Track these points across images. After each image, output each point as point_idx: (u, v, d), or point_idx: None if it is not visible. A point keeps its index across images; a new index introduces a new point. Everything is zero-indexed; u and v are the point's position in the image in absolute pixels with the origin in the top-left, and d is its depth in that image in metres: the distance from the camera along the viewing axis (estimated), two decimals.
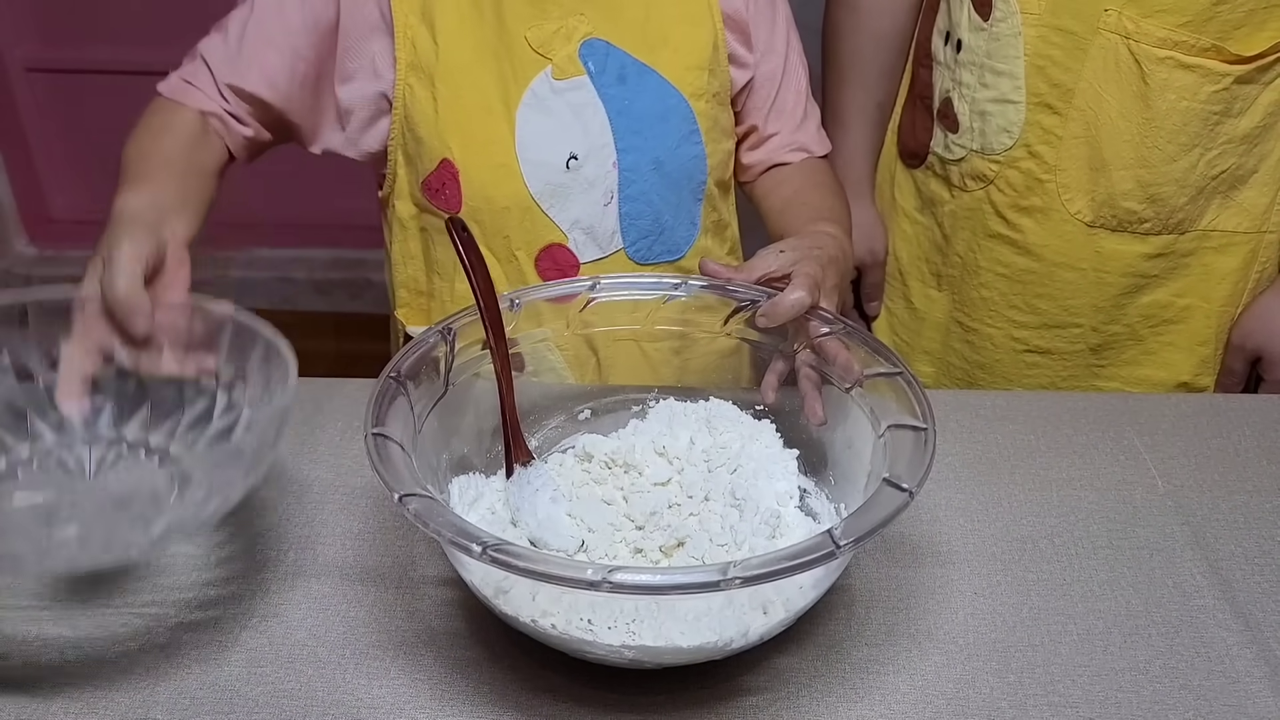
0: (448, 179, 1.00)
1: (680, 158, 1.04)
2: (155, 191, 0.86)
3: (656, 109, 1.02)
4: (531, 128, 0.99)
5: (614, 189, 1.02)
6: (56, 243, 2.63)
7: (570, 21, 0.98)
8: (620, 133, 1.01)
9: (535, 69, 0.98)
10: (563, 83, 0.99)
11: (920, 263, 1.25)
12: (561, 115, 0.99)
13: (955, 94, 1.15)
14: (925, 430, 0.71)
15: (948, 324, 1.25)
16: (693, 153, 1.05)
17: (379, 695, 0.71)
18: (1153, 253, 1.12)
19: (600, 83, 0.99)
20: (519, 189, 1.00)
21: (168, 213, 0.83)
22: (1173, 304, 1.15)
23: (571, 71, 0.99)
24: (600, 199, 1.03)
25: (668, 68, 1.02)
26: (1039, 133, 1.10)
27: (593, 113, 1.00)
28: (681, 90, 1.02)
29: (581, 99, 0.99)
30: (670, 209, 1.06)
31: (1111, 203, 1.09)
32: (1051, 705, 0.71)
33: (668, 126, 1.03)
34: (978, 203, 1.16)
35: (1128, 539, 0.85)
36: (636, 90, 1.01)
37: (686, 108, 1.03)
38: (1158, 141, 1.06)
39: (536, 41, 0.97)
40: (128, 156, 0.90)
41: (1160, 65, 1.03)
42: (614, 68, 1.00)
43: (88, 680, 0.71)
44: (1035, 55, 1.07)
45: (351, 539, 0.84)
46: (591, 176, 1.01)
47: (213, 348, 0.78)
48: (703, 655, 0.69)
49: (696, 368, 0.90)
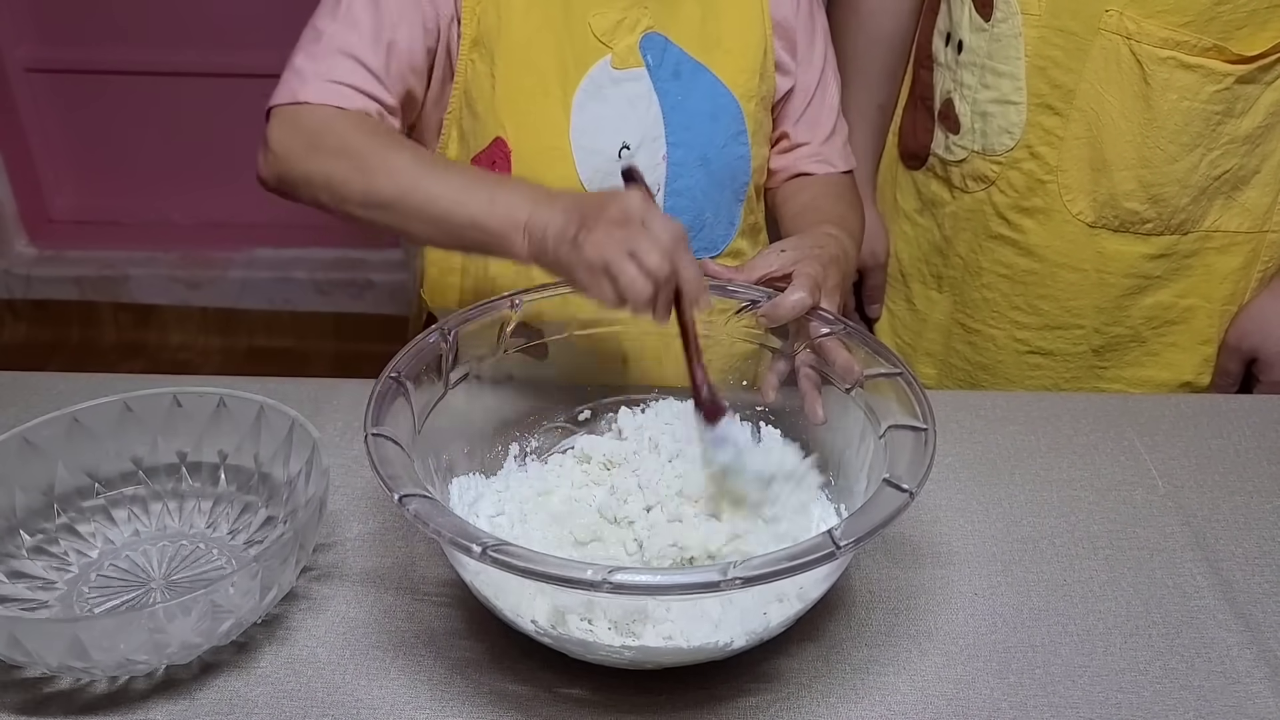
0: (499, 157, 1.00)
1: (727, 157, 1.05)
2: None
3: (708, 107, 1.02)
4: (587, 114, 0.99)
5: (661, 182, 1.02)
6: (56, 243, 2.63)
7: (634, 13, 0.98)
8: (672, 127, 1.01)
9: (595, 56, 0.98)
10: (621, 72, 0.99)
11: (921, 264, 1.25)
12: (617, 104, 0.99)
13: (956, 95, 1.14)
14: (925, 431, 0.71)
15: (949, 325, 1.25)
16: (739, 153, 1.05)
17: (379, 695, 0.71)
18: (1155, 253, 1.11)
19: (657, 76, 1.00)
20: (569, 173, 1.00)
21: None
22: (1175, 304, 1.14)
23: (631, 62, 0.99)
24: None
25: (721, 68, 1.02)
26: (1040, 133, 1.10)
27: (647, 105, 1.00)
28: (733, 91, 1.03)
29: (637, 90, 0.99)
30: (712, 206, 1.06)
31: (1113, 203, 1.09)
32: (1051, 706, 0.71)
33: (718, 125, 1.03)
34: (979, 204, 1.16)
35: (1128, 539, 0.85)
36: (690, 87, 1.01)
37: (737, 108, 1.03)
38: (1159, 142, 1.06)
39: (600, 29, 0.97)
40: (426, 165, 0.85)
41: (1162, 65, 1.02)
42: (671, 63, 1.00)
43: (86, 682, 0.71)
44: (1036, 56, 1.07)
45: (351, 539, 0.84)
46: (642, 167, 1.01)
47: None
48: (703, 656, 0.69)
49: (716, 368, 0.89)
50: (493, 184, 0.81)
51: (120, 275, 2.59)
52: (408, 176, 0.83)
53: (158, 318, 2.64)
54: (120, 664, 0.68)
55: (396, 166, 0.84)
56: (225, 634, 0.71)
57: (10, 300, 2.63)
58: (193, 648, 0.70)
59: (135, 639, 0.66)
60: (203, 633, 0.69)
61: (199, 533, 0.83)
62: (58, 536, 0.80)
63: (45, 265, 2.61)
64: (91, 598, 0.77)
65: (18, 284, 2.62)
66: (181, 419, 0.84)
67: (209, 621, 0.68)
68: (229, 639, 0.73)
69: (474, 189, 0.81)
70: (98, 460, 0.83)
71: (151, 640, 0.67)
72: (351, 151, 0.86)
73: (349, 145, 0.86)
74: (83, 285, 2.61)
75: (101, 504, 0.83)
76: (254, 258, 2.58)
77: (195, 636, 0.68)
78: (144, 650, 0.67)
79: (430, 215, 0.82)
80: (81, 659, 0.66)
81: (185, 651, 0.70)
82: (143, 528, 0.83)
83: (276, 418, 0.81)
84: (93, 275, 2.60)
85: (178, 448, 0.85)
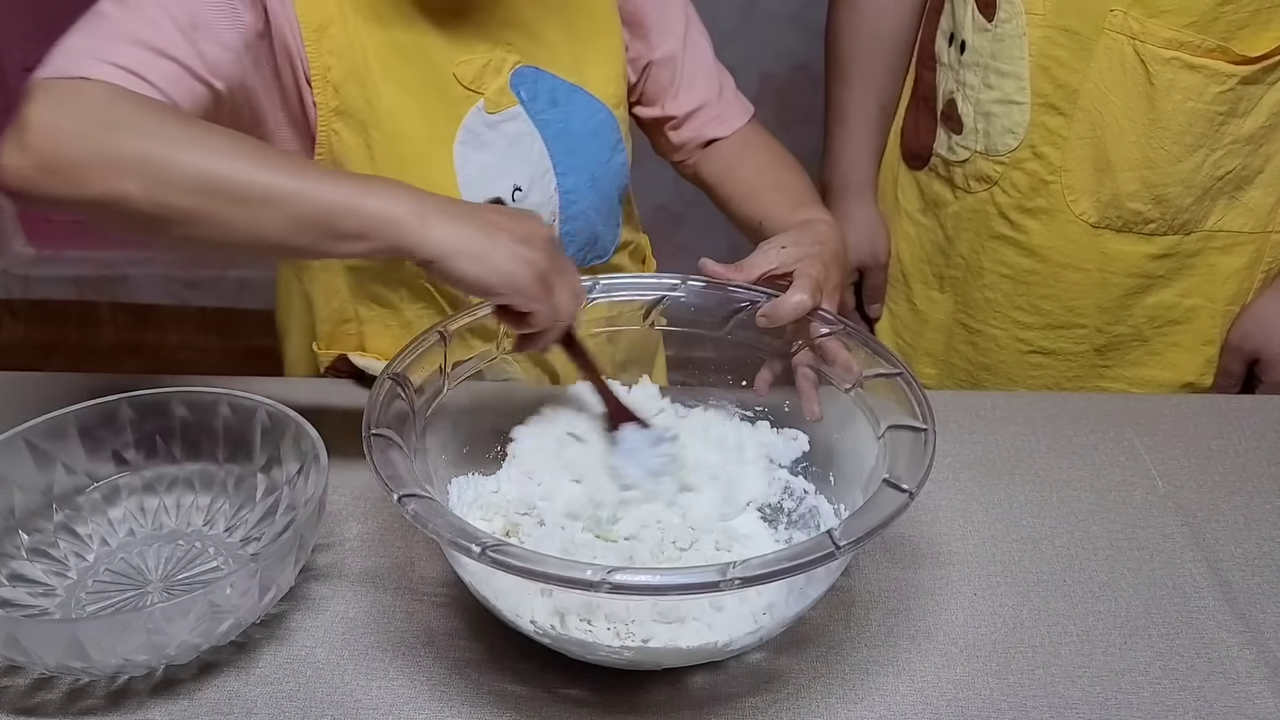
0: None
1: (611, 168, 1.03)
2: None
3: (588, 126, 1.01)
4: (472, 165, 0.96)
5: (556, 211, 1.01)
6: (54, 243, 2.63)
7: (498, 53, 0.95)
8: (558, 156, 0.99)
9: (467, 105, 0.95)
10: (496, 115, 0.96)
11: (923, 264, 1.25)
12: (499, 148, 0.97)
13: (959, 95, 1.14)
14: (925, 431, 0.70)
15: (951, 326, 1.24)
16: (620, 160, 1.04)
17: (378, 696, 0.71)
18: (1158, 253, 1.11)
19: (533, 109, 0.97)
20: None
21: None
22: (1178, 304, 1.14)
23: (505, 103, 0.96)
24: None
25: (593, 83, 1.00)
26: (1044, 134, 1.09)
27: (530, 141, 0.98)
28: (606, 102, 1.01)
29: (517, 129, 0.97)
30: (602, 218, 1.05)
31: (1117, 203, 1.09)
32: (1051, 706, 0.71)
33: (599, 141, 1.02)
34: (981, 204, 1.16)
35: (1128, 540, 0.85)
36: (568, 111, 0.99)
37: (611, 118, 1.02)
38: (1163, 142, 1.05)
39: (467, 78, 0.94)
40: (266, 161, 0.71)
41: (1166, 66, 1.02)
42: (545, 92, 0.98)
43: (85, 682, 0.71)
44: (1040, 56, 1.07)
45: (350, 539, 0.83)
46: (536, 203, 0.99)
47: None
48: (702, 656, 0.69)
49: (630, 353, 0.90)
50: (352, 175, 0.77)
51: (119, 275, 2.59)
52: (251, 157, 0.70)
53: (156, 318, 2.64)
54: (119, 664, 0.68)
55: (230, 148, 0.71)
56: (224, 634, 0.71)
57: (9, 300, 2.63)
58: (192, 648, 0.70)
59: (134, 639, 0.66)
60: (202, 633, 0.68)
61: (197, 533, 0.83)
62: (57, 538, 0.80)
63: (44, 265, 2.61)
64: (89, 603, 0.77)
65: (16, 284, 2.62)
66: (181, 419, 0.84)
67: (208, 622, 0.68)
68: (228, 639, 0.72)
69: (337, 174, 0.74)
70: (96, 460, 0.83)
71: (150, 641, 0.67)
72: (169, 128, 0.71)
73: (163, 123, 0.71)
74: (81, 285, 2.61)
75: (100, 504, 0.83)
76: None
77: (194, 637, 0.68)
78: (143, 651, 0.67)
79: (278, 198, 0.68)
80: (80, 659, 0.66)
81: (184, 652, 0.70)
82: (139, 528, 0.83)
83: (276, 418, 0.81)
84: (91, 275, 2.60)
85: (176, 448, 0.85)
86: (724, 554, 0.78)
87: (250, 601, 0.70)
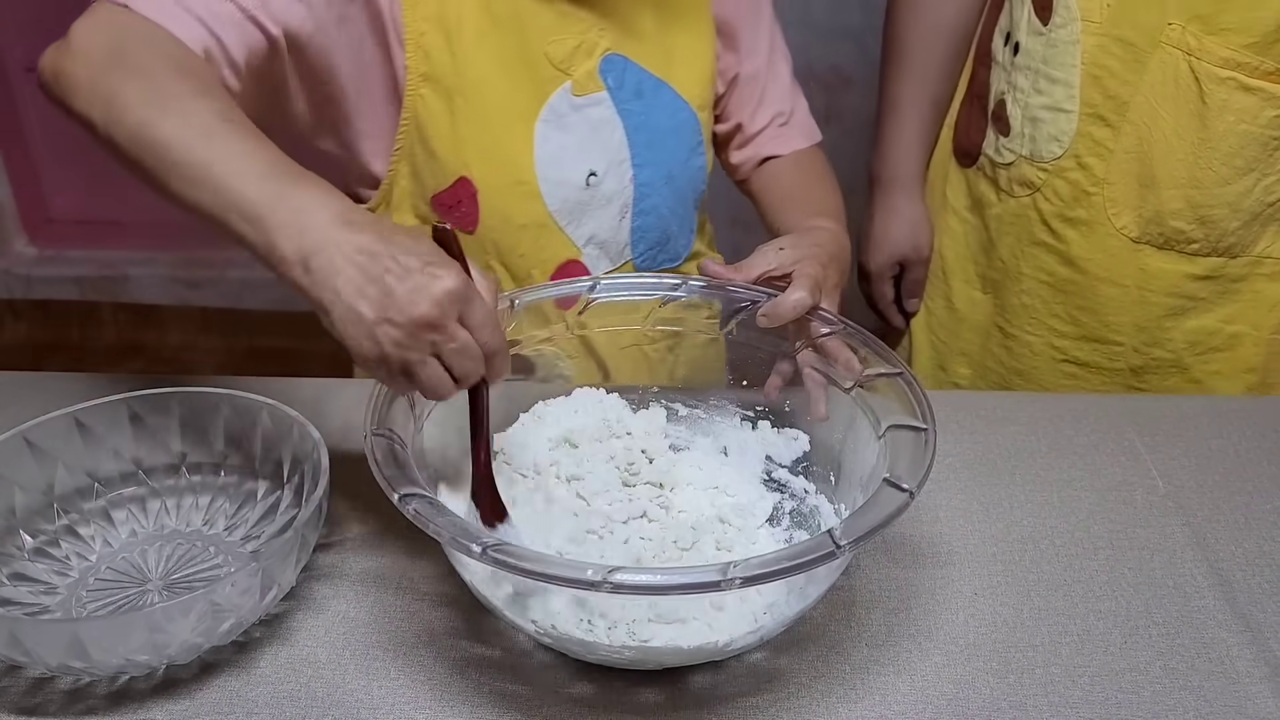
0: (464, 197, 0.97)
1: (689, 170, 1.04)
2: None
3: (670, 123, 1.02)
4: (551, 145, 0.97)
5: (629, 204, 1.01)
6: (56, 243, 2.63)
7: (591, 36, 0.96)
8: (637, 148, 1.00)
9: (554, 85, 0.96)
10: (582, 99, 0.97)
11: (966, 263, 1.23)
12: (580, 131, 0.98)
13: (1009, 97, 1.12)
14: (925, 431, 0.71)
15: (988, 328, 1.22)
16: (699, 164, 1.05)
17: (379, 695, 0.71)
18: (1200, 274, 1.08)
19: (619, 98, 0.98)
20: (538, 207, 0.98)
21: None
22: (1220, 330, 1.11)
23: (591, 88, 0.97)
24: (616, 214, 1.02)
25: (679, 81, 1.01)
26: (1090, 144, 1.07)
27: (611, 128, 0.99)
28: (691, 103, 1.02)
29: (600, 115, 0.98)
30: (677, 220, 1.06)
31: (1159, 220, 1.07)
32: (1051, 706, 0.71)
33: (679, 140, 1.03)
34: (1023, 209, 1.14)
35: (1128, 540, 0.85)
36: (652, 105, 1.00)
37: (695, 120, 1.03)
38: (1211, 163, 1.03)
39: (557, 57, 0.95)
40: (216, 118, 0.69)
41: (1221, 86, 1.00)
42: (632, 83, 0.99)
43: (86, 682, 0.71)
44: (1092, 65, 1.04)
45: (351, 539, 0.83)
46: (609, 192, 1.00)
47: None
48: (702, 656, 0.69)
49: (692, 366, 0.89)
50: (293, 177, 0.67)
51: (120, 275, 2.59)
52: (198, 124, 0.68)
53: (157, 318, 2.64)
54: (120, 664, 0.68)
55: (192, 110, 0.68)
56: (225, 634, 0.71)
57: (10, 300, 2.63)
58: (192, 648, 0.70)
59: (135, 639, 0.66)
60: (202, 633, 0.69)
61: (198, 532, 0.83)
62: (58, 538, 0.80)
63: (45, 265, 2.61)
64: (90, 601, 0.77)
65: (18, 284, 2.62)
66: (181, 419, 0.84)
67: (209, 621, 0.68)
68: (229, 639, 0.73)
69: (269, 172, 0.66)
70: (98, 460, 0.83)
71: (151, 640, 0.67)
72: (152, 77, 0.71)
73: (152, 70, 0.71)
74: (83, 285, 2.61)
75: (101, 504, 0.83)
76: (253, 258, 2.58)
77: (195, 636, 0.68)
78: (144, 650, 0.67)
79: (198, 179, 0.66)
80: (81, 659, 0.66)
81: (185, 651, 0.70)
82: (142, 528, 0.83)
83: (276, 418, 0.81)
84: (93, 275, 2.60)
85: (177, 448, 0.85)
86: (724, 554, 0.79)
87: (251, 601, 0.70)
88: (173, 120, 0.68)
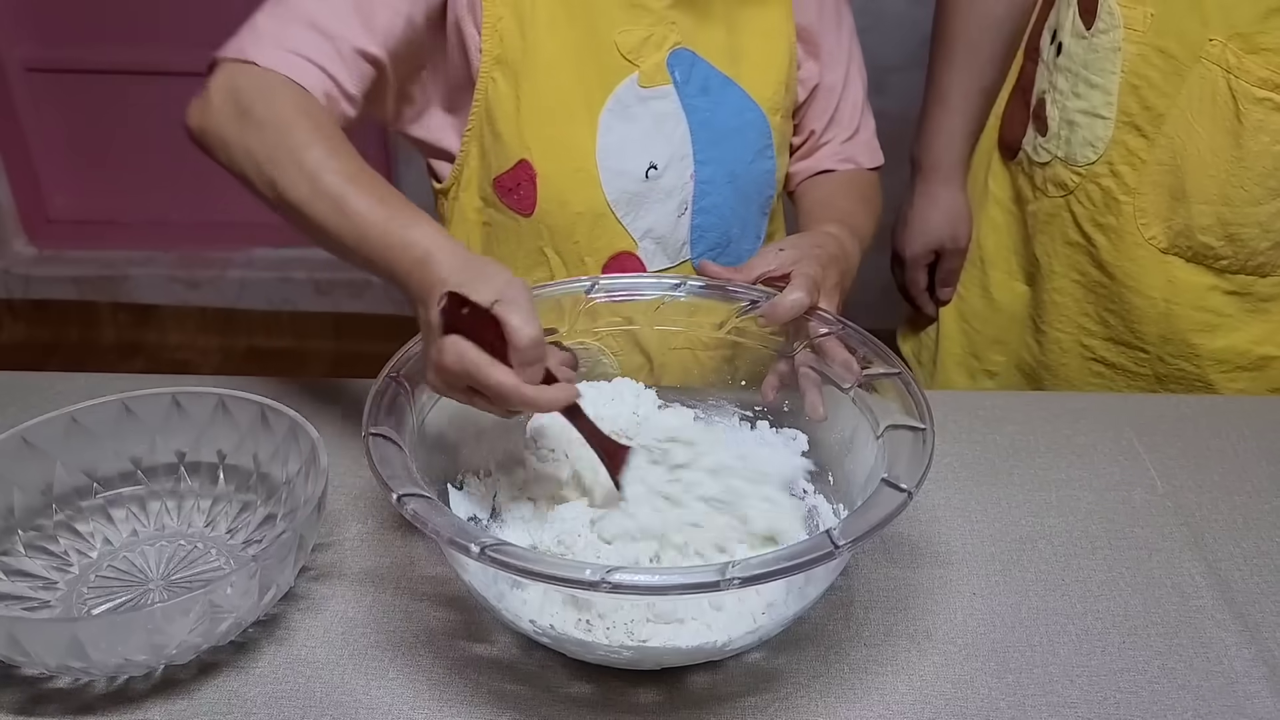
0: (524, 180, 0.98)
1: (754, 172, 1.04)
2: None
3: (735, 122, 1.01)
4: (614, 135, 0.97)
5: (689, 200, 1.01)
6: (55, 243, 2.63)
7: (661, 29, 0.96)
8: (700, 144, 1.00)
9: (621, 75, 0.96)
10: (648, 90, 0.97)
11: (1008, 254, 1.22)
12: (644, 123, 0.98)
13: (1049, 97, 1.12)
14: (924, 430, 0.71)
15: (1024, 319, 1.22)
16: (765, 167, 1.05)
17: (378, 695, 0.71)
18: (1229, 289, 1.08)
19: (685, 93, 0.98)
20: (596, 196, 0.99)
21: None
22: (1250, 351, 1.10)
23: (659, 80, 0.97)
24: (675, 210, 1.02)
25: (749, 81, 1.01)
26: (1123, 153, 1.07)
27: (675, 123, 0.99)
28: (761, 105, 1.02)
29: (665, 108, 0.98)
30: (739, 222, 1.05)
31: (1188, 234, 1.06)
32: (1050, 706, 0.71)
33: (745, 140, 1.02)
34: (1058, 209, 1.13)
35: (1126, 539, 0.85)
36: (718, 102, 1.00)
37: (764, 122, 1.02)
38: (1244, 182, 1.02)
39: (626, 47, 0.95)
40: (343, 168, 0.76)
41: (1258, 105, 0.99)
42: (699, 78, 0.99)
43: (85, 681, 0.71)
44: (1132, 74, 1.04)
45: (350, 539, 0.84)
46: (669, 187, 1.00)
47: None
48: (702, 655, 0.69)
49: (752, 379, 0.89)
50: (404, 220, 0.74)
51: (119, 275, 2.60)
52: (326, 193, 0.75)
53: (157, 317, 2.64)
54: (119, 664, 0.68)
55: (315, 173, 0.76)
56: (224, 634, 0.71)
57: (9, 300, 2.63)
58: (191, 648, 0.70)
59: (134, 639, 0.66)
60: (201, 633, 0.69)
61: (197, 532, 0.83)
62: (57, 536, 0.80)
63: (44, 265, 2.62)
64: (90, 598, 0.77)
65: (17, 284, 2.62)
66: (180, 419, 0.84)
67: (207, 621, 0.68)
68: (228, 639, 0.73)
69: (392, 218, 0.74)
70: (96, 460, 0.83)
71: (150, 640, 0.67)
72: (276, 128, 0.78)
73: (278, 121, 0.78)
74: (82, 285, 2.61)
75: (100, 504, 0.83)
76: (253, 257, 2.58)
77: (194, 636, 0.68)
78: (143, 650, 0.67)
79: (334, 244, 0.77)
80: (80, 659, 0.66)
81: (184, 652, 0.70)
82: (141, 527, 0.83)
83: (276, 418, 0.81)
84: (92, 275, 2.60)
85: (176, 448, 0.85)
86: (724, 554, 0.79)
87: (250, 601, 0.70)
88: (304, 188, 0.76)
